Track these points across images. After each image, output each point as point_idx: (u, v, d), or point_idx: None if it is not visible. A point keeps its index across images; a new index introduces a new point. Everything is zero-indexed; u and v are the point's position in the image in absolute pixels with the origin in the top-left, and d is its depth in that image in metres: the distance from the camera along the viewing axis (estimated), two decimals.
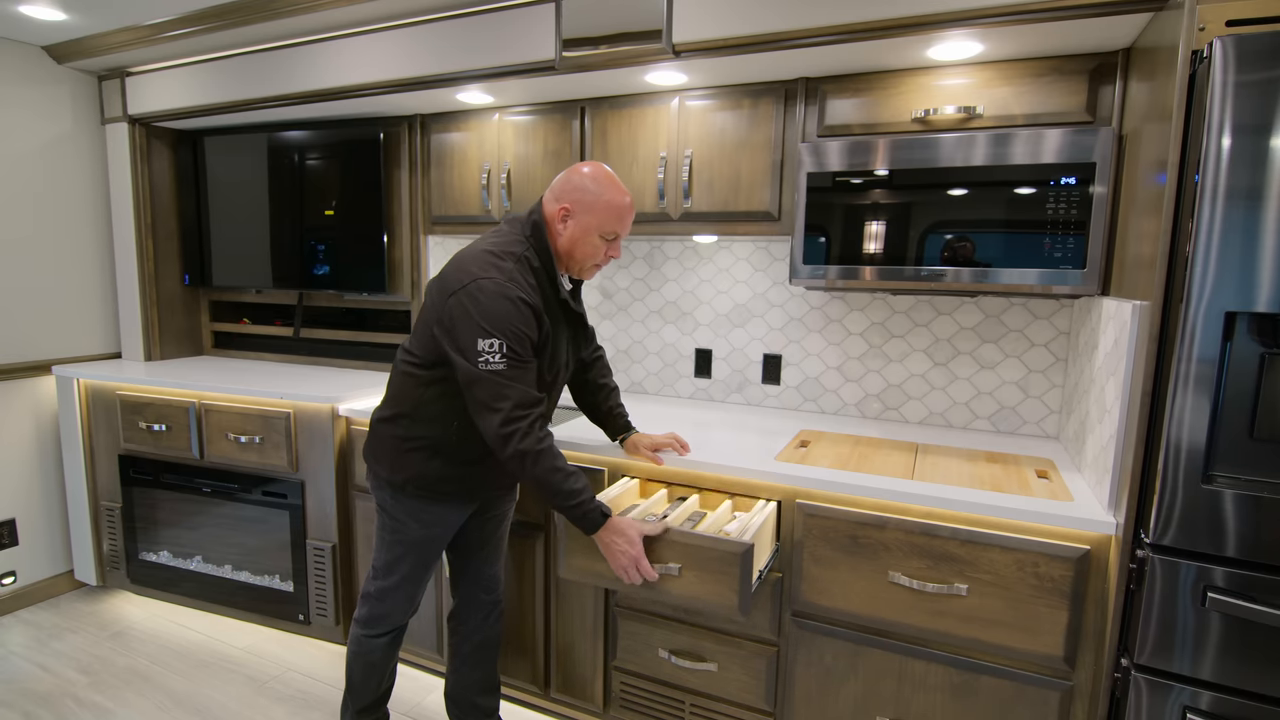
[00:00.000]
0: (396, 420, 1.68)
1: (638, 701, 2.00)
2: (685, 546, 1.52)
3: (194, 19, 2.42)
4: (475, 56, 2.16)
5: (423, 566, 1.77)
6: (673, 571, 1.53)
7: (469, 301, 1.48)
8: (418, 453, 1.66)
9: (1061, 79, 1.72)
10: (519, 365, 1.49)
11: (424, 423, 1.65)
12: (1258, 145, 1.19)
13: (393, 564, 1.75)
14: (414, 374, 1.65)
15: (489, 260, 1.53)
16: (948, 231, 1.76)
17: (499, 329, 1.47)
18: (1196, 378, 1.26)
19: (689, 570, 1.52)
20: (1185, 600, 1.31)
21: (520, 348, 1.49)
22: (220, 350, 3.30)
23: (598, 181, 1.59)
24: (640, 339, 2.66)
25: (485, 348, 1.46)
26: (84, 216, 2.97)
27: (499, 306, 1.48)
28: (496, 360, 1.47)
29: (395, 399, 1.70)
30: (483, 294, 1.48)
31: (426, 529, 1.72)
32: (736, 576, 1.48)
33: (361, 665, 1.82)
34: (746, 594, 1.48)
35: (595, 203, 1.58)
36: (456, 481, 1.69)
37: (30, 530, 2.87)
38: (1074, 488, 1.61)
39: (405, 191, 2.68)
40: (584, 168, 1.62)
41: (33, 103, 2.77)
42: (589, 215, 1.59)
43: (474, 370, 1.47)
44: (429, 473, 1.67)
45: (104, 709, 2.20)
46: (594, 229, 1.59)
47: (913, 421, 2.27)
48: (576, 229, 1.60)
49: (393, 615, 1.79)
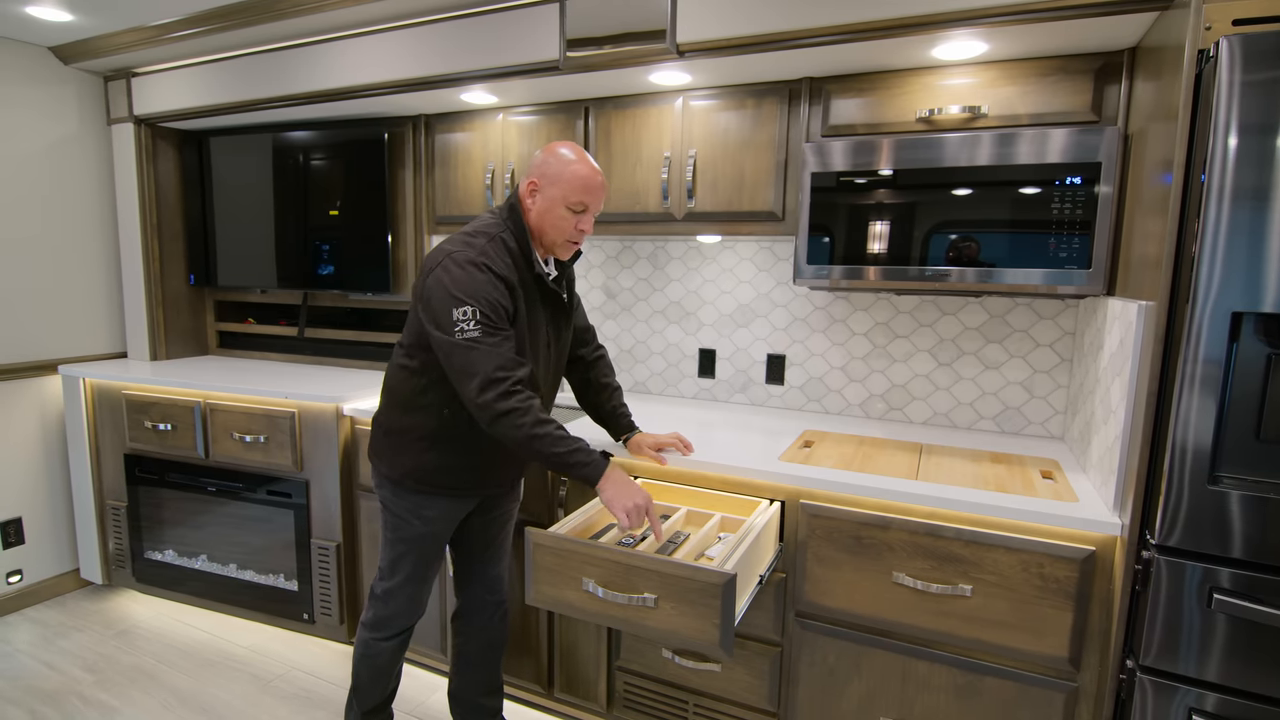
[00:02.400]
0: (391, 415, 1.71)
1: (641, 702, 2.00)
2: (661, 575, 1.35)
3: (199, 19, 2.43)
4: (479, 57, 2.16)
5: (426, 564, 1.77)
6: (649, 603, 1.38)
7: (443, 275, 1.51)
8: (414, 445, 1.68)
9: (1067, 78, 1.71)
10: (494, 332, 1.49)
11: (417, 413, 1.67)
12: (1264, 145, 1.18)
13: (396, 563, 1.75)
14: (405, 365, 1.67)
15: (463, 239, 1.58)
16: (952, 231, 1.76)
17: (471, 296, 1.48)
18: (1202, 378, 1.26)
19: (666, 602, 1.36)
20: (1191, 602, 1.31)
21: (495, 315, 1.50)
22: (225, 350, 3.31)
23: (564, 156, 1.62)
24: (644, 339, 2.66)
25: (459, 316, 1.48)
26: (90, 217, 2.99)
27: (470, 276, 1.50)
28: (471, 328, 1.47)
29: (390, 393, 1.72)
30: (454, 265, 1.51)
31: (428, 524, 1.73)
32: (718, 610, 1.31)
33: (369, 668, 1.83)
34: (729, 629, 1.31)
35: (561, 173, 1.60)
36: (453, 472, 1.70)
37: (36, 529, 2.88)
38: (1079, 488, 1.61)
39: (409, 191, 2.68)
40: (556, 146, 1.64)
41: (39, 103, 2.79)
42: (554, 187, 1.60)
43: (450, 340, 1.48)
44: (426, 464, 1.68)
45: (109, 707, 2.21)
46: (559, 200, 1.60)
47: (917, 422, 2.27)
48: (544, 201, 1.61)
49: (399, 617, 1.79)
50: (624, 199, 2.24)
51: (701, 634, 1.34)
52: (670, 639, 1.38)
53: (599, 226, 2.30)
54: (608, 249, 2.67)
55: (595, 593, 1.43)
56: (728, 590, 1.30)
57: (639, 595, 1.38)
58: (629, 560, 1.39)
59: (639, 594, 1.38)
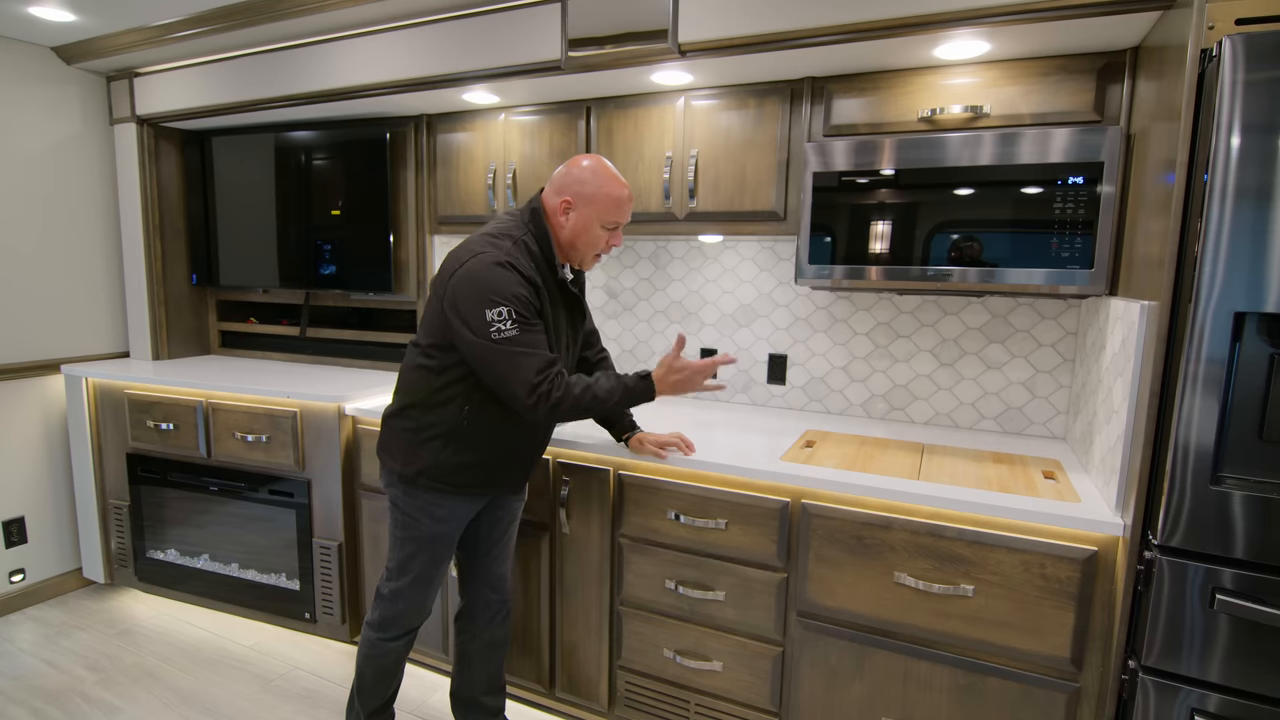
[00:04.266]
0: (407, 412, 1.70)
1: (643, 701, 2.00)
2: (731, 504, 1.74)
3: (202, 20, 2.43)
4: (481, 57, 2.16)
5: (435, 564, 1.77)
6: (720, 526, 1.76)
7: (471, 277, 1.53)
8: (430, 442, 1.67)
9: (1069, 78, 1.71)
10: (530, 329, 1.53)
11: (435, 410, 1.66)
12: (1267, 144, 1.18)
13: (406, 563, 1.75)
14: (424, 364, 1.67)
15: (487, 240, 1.59)
16: (954, 231, 1.76)
17: (504, 295, 1.51)
18: (1205, 378, 1.26)
19: (734, 524, 1.75)
20: (1193, 602, 1.30)
21: (527, 311, 1.54)
22: (227, 349, 3.32)
23: (597, 174, 1.64)
24: (645, 339, 2.66)
25: (494, 317, 1.50)
26: (92, 216, 2.99)
27: (500, 275, 1.52)
28: (509, 327, 1.50)
29: (406, 392, 1.71)
30: (482, 267, 1.52)
31: (439, 524, 1.72)
32: (775, 529, 1.71)
33: (375, 668, 1.83)
34: (784, 544, 1.70)
35: (596, 194, 1.63)
36: (469, 470, 1.70)
37: (39, 528, 2.89)
38: (1081, 489, 1.60)
39: (411, 191, 2.68)
40: (583, 160, 1.67)
41: (42, 103, 2.79)
42: (590, 207, 1.64)
43: (487, 345, 1.51)
44: (442, 462, 1.68)
45: (112, 706, 2.22)
46: (596, 219, 1.65)
47: (919, 422, 2.26)
48: (579, 220, 1.65)
49: (406, 617, 1.79)
50: None
51: (763, 547, 1.72)
52: (738, 552, 1.75)
53: None
54: None
55: (679, 519, 1.83)
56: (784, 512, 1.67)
57: (714, 519, 1.75)
58: (704, 493, 1.79)
59: (714, 519, 1.75)
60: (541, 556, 2.06)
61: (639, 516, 1.90)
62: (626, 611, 1.97)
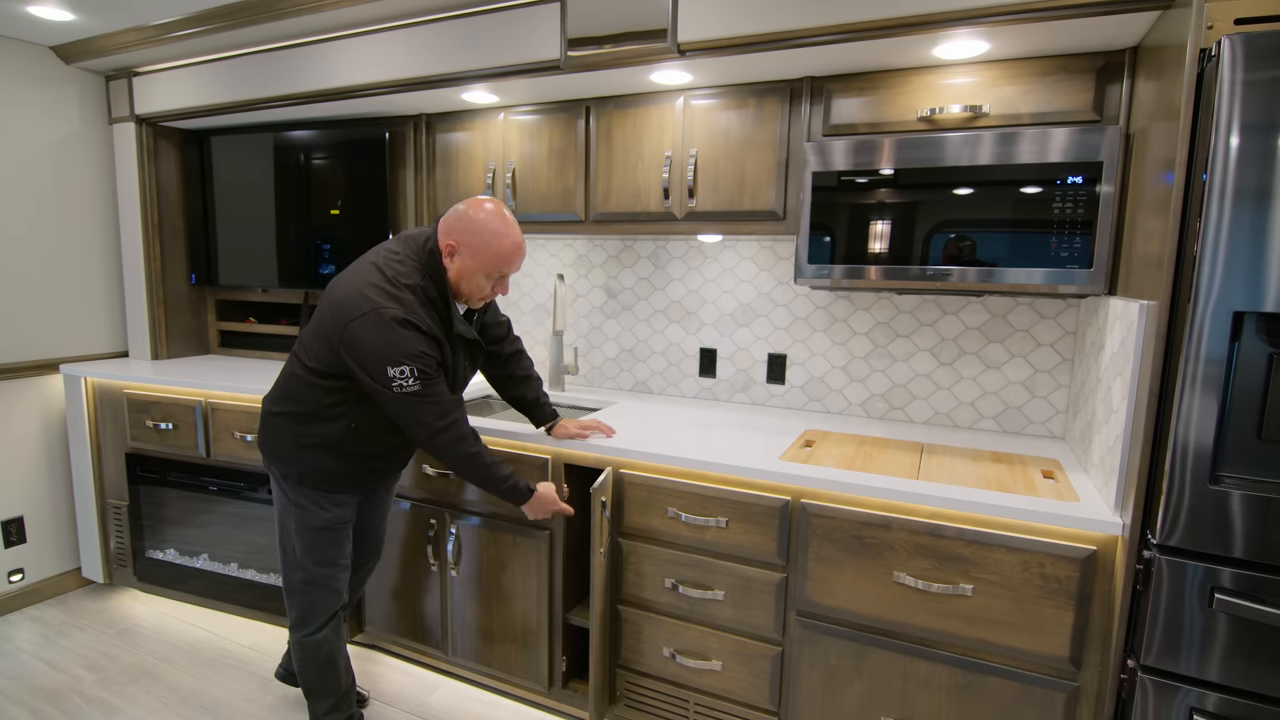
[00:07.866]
0: (292, 416, 1.72)
1: (642, 700, 2.00)
2: (731, 502, 1.76)
3: (201, 19, 2.43)
4: (480, 56, 2.16)
5: (337, 547, 1.81)
6: (721, 525, 1.77)
7: (371, 331, 1.53)
8: (313, 449, 1.72)
9: (1068, 78, 1.71)
10: (431, 381, 1.59)
11: (320, 422, 1.70)
12: (1266, 144, 1.18)
13: (308, 549, 1.78)
14: (314, 383, 1.68)
15: (386, 290, 1.57)
16: (953, 231, 1.76)
17: (407, 355, 1.54)
18: (1204, 378, 1.26)
19: (735, 523, 1.77)
20: (1192, 601, 1.31)
21: (428, 367, 1.57)
22: (226, 349, 3.32)
23: (488, 226, 1.64)
24: (645, 338, 2.66)
25: (396, 374, 1.54)
26: (91, 216, 2.99)
27: (402, 336, 1.54)
28: (411, 384, 1.55)
29: (292, 397, 1.73)
30: (383, 324, 1.53)
31: (333, 508, 1.77)
32: (776, 526, 1.73)
33: (314, 669, 1.84)
34: (784, 542, 1.72)
35: (483, 249, 1.64)
36: (352, 476, 1.76)
37: (38, 528, 2.88)
38: (1080, 488, 1.61)
39: (410, 191, 2.68)
40: (485, 204, 1.67)
41: (40, 102, 2.79)
42: (474, 259, 1.65)
43: (389, 394, 1.56)
44: (325, 467, 1.72)
45: (111, 705, 2.22)
46: (479, 270, 1.66)
47: (918, 421, 2.26)
48: (463, 267, 1.66)
49: (322, 604, 1.81)
50: (625, 198, 2.24)
51: (763, 546, 1.73)
52: (738, 551, 1.76)
53: (601, 226, 2.30)
54: (609, 248, 2.67)
55: (679, 518, 1.82)
56: (784, 511, 1.67)
57: (714, 518, 1.76)
58: (704, 491, 1.80)
59: (714, 517, 1.76)
60: (541, 557, 2.06)
61: (638, 515, 1.90)
62: (626, 611, 1.97)
